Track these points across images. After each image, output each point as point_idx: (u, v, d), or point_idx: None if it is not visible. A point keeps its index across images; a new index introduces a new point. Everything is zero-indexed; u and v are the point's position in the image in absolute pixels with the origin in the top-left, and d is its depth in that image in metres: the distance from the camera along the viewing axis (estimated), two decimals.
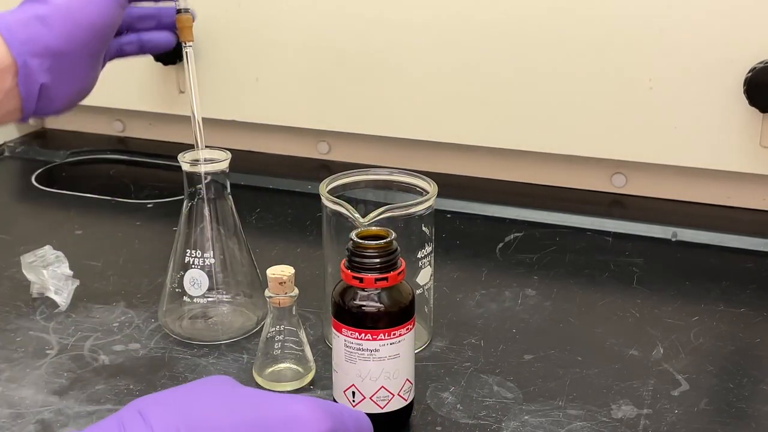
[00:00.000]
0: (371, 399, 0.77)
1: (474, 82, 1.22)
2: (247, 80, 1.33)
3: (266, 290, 0.84)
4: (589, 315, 0.97)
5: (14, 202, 1.35)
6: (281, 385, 0.84)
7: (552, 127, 1.21)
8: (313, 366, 0.86)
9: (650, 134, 1.17)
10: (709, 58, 1.11)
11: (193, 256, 0.91)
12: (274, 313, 0.84)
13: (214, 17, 1.32)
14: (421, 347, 0.91)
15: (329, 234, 0.89)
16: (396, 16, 1.23)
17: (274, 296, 0.83)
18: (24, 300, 1.00)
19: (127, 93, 1.42)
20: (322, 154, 1.38)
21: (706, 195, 1.21)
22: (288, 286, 0.83)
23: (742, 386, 0.85)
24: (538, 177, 1.28)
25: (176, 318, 0.93)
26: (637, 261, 1.08)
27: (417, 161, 1.29)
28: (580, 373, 0.87)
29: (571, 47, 1.17)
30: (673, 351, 0.90)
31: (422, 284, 0.89)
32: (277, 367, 0.85)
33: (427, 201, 0.87)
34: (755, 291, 1.01)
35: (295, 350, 0.85)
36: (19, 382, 0.86)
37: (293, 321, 0.85)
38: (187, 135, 1.47)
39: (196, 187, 0.91)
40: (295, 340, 0.85)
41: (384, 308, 0.76)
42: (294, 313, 0.85)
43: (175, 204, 1.19)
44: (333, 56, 1.28)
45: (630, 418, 0.80)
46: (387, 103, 1.27)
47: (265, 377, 0.85)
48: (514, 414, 0.81)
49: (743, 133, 1.13)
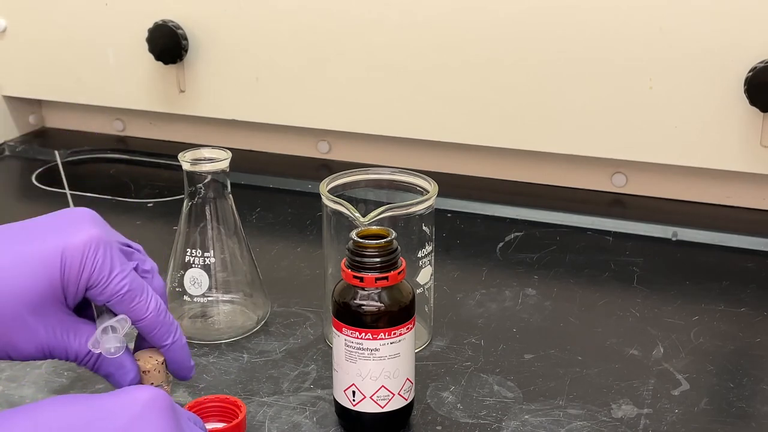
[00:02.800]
0: (371, 398, 0.77)
1: (474, 81, 1.22)
2: (247, 80, 1.33)
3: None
4: (590, 314, 0.97)
5: (14, 201, 1.35)
6: None
7: (552, 127, 1.21)
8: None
9: (650, 134, 1.17)
10: (710, 57, 1.11)
11: (194, 256, 0.91)
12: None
13: (214, 17, 1.32)
14: (421, 347, 0.91)
15: (329, 233, 0.89)
16: (396, 15, 1.23)
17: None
18: None
19: (128, 92, 1.42)
20: (323, 153, 1.38)
21: (707, 194, 1.21)
22: (153, 376, 0.72)
23: (743, 386, 0.85)
24: (538, 176, 1.28)
25: (177, 317, 0.93)
26: (637, 261, 1.08)
27: (417, 160, 1.29)
28: (581, 373, 0.87)
29: (571, 47, 1.17)
30: (674, 351, 0.90)
31: (422, 284, 0.89)
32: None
33: (427, 200, 0.87)
34: (755, 291, 1.01)
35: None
36: (19, 382, 0.86)
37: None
38: (188, 134, 1.47)
39: (197, 186, 0.91)
40: None
41: (384, 308, 0.76)
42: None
43: (175, 203, 1.19)
44: (333, 56, 1.28)
45: (630, 418, 0.80)
46: (387, 103, 1.27)
47: None
48: (515, 413, 0.81)
49: (743, 132, 1.13)
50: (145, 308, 0.70)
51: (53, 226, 0.69)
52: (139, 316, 0.70)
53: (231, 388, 0.85)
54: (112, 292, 0.68)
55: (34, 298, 0.67)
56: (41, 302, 0.67)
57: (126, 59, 1.39)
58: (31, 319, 0.67)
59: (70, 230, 0.68)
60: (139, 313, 0.70)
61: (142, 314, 0.70)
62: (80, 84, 1.43)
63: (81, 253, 0.67)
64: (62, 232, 0.68)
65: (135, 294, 0.69)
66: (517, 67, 1.20)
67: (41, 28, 1.43)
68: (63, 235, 0.68)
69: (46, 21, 1.42)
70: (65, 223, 0.69)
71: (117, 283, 0.68)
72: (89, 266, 0.67)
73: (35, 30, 1.43)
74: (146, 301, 0.70)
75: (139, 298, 0.69)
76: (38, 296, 0.67)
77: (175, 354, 0.73)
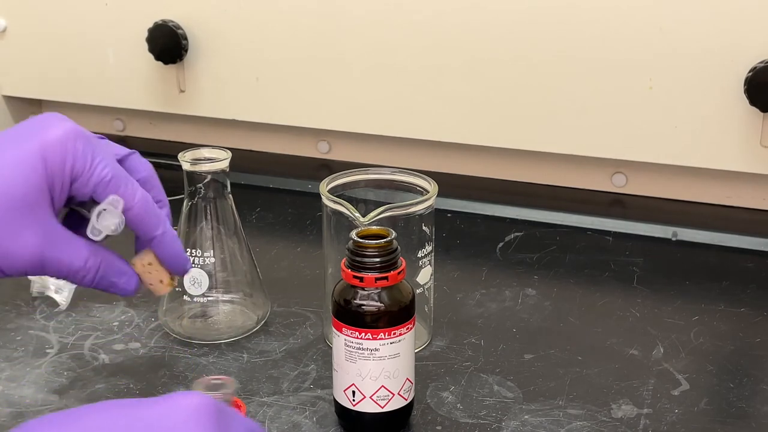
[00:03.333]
0: (371, 398, 0.77)
1: (474, 81, 1.22)
2: (247, 80, 1.33)
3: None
4: (589, 314, 0.97)
5: None
6: None
7: (552, 127, 1.21)
8: None
9: (650, 134, 1.17)
10: (710, 57, 1.11)
11: (194, 256, 0.91)
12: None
13: (214, 17, 1.32)
14: (421, 347, 0.91)
15: (329, 233, 0.89)
16: (396, 15, 1.23)
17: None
18: (24, 299, 1.00)
19: (128, 92, 1.42)
20: (323, 153, 1.38)
21: (707, 195, 1.21)
22: (155, 270, 0.72)
23: (743, 386, 0.85)
24: (538, 176, 1.28)
25: (176, 317, 0.93)
26: (637, 261, 1.08)
27: (417, 160, 1.29)
28: (580, 373, 0.87)
29: (571, 47, 1.17)
30: (673, 350, 0.90)
31: (422, 284, 0.89)
32: None
33: (427, 200, 0.87)
34: (755, 291, 1.01)
35: None
36: (19, 381, 0.86)
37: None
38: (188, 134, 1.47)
39: (197, 186, 0.91)
40: None
41: (384, 307, 0.76)
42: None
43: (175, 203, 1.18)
44: (333, 56, 1.28)
45: (630, 418, 0.80)
46: (387, 103, 1.27)
47: None
48: (514, 413, 0.81)
49: (743, 132, 1.13)
50: (132, 195, 0.67)
51: (25, 131, 0.67)
52: (128, 203, 0.67)
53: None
54: (97, 180, 0.66)
55: (20, 202, 0.64)
56: (29, 206, 0.64)
57: (126, 59, 1.39)
58: (21, 224, 0.64)
59: (44, 130, 0.66)
60: (128, 201, 0.67)
61: (130, 201, 0.67)
62: (80, 84, 1.43)
63: (61, 145, 0.65)
64: (36, 134, 0.65)
65: (119, 181, 0.67)
66: (516, 66, 1.20)
67: (41, 28, 1.43)
68: (38, 135, 0.65)
69: (46, 21, 1.42)
70: (37, 125, 0.67)
71: (100, 171, 0.66)
72: (71, 156, 0.65)
73: (35, 30, 1.43)
74: (132, 189, 0.67)
75: (124, 185, 0.67)
76: (24, 199, 0.64)
77: (168, 246, 0.70)
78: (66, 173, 0.65)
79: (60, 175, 0.65)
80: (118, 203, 0.67)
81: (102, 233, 0.67)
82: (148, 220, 0.69)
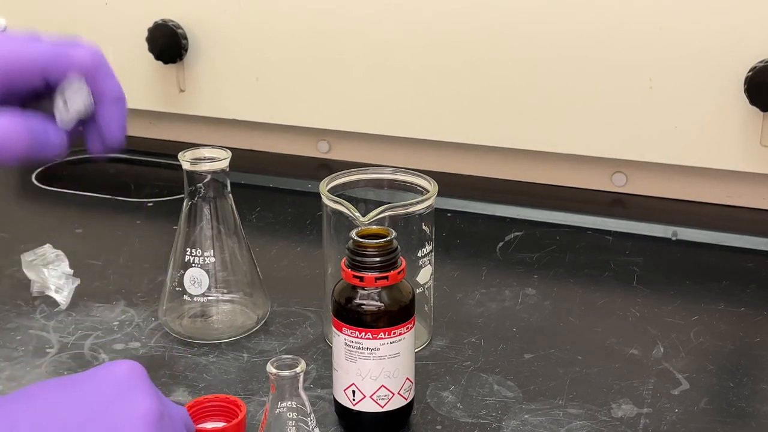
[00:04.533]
0: (371, 398, 0.77)
1: (474, 81, 1.22)
2: (247, 80, 1.33)
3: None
4: (589, 314, 0.97)
5: (14, 200, 1.35)
6: None
7: (552, 126, 1.21)
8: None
9: (650, 133, 1.17)
10: (709, 57, 1.11)
11: (194, 255, 0.91)
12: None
13: (214, 17, 1.32)
14: (421, 346, 0.91)
15: (329, 233, 0.89)
16: (396, 15, 1.23)
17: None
18: (24, 299, 1.00)
19: (127, 92, 1.39)
20: (323, 152, 1.38)
21: (707, 194, 1.21)
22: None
23: (743, 385, 0.85)
24: (538, 176, 1.28)
25: (176, 317, 0.93)
26: (637, 260, 1.08)
27: (417, 160, 1.29)
28: (580, 372, 0.87)
29: (571, 47, 1.17)
30: (674, 350, 0.90)
31: (422, 283, 0.89)
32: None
33: (427, 200, 0.87)
34: (755, 290, 1.01)
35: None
36: (19, 381, 0.86)
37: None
38: (188, 134, 1.47)
39: (197, 185, 0.91)
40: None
41: (384, 307, 0.76)
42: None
43: (175, 203, 1.19)
44: (333, 56, 1.28)
45: (630, 418, 0.80)
46: (387, 102, 1.27)
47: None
48: (514, 413, 0.81)
49: (743, 132, 1.13)
50: (80, 57, 0.65)
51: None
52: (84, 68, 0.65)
53: (231, 388, 0.85)
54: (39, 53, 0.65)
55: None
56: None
57: (126, 59, 1.39)
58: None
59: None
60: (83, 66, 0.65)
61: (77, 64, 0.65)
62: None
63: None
64: None
65: (61, 50, 0.65)
66: (517, 66, 1.20)
67: (41, 28, 1.42)
68: None
69: (46, 21, 1.42)
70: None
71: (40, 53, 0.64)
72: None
73: (35, 30, 1.43)
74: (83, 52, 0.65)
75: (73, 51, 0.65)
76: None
77: (117, 111, 0.70)
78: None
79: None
80: (74, 79, 0.65)
81: (72, 114, 0.65)
82: (100, 72, 0.68)
